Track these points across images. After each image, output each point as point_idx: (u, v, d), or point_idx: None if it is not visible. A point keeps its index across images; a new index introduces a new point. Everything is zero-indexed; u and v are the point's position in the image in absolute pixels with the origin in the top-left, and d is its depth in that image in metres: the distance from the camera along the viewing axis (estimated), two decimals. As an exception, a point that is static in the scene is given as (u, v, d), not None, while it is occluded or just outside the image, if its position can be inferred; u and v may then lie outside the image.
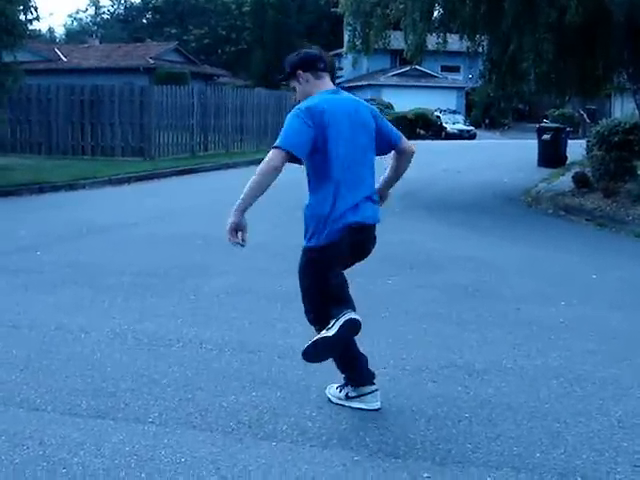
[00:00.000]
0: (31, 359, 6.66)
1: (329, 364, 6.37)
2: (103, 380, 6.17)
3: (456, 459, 4.88)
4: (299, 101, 5.60)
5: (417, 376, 6.41)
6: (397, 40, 23.76)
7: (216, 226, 6.36)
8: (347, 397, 5.69)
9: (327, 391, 5.85)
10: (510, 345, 7.32)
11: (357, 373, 5.70)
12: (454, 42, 23.49)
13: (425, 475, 4.64)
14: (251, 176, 5.28)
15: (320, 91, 5.65)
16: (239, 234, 5.29)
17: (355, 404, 5.64)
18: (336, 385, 5.80)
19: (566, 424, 5.47)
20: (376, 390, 5.68)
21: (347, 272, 5.41)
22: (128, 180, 22.37)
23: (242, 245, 5.34)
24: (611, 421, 5.56)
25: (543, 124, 34.94)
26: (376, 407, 5.62)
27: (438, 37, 21.90)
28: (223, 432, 5.13)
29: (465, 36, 21.69)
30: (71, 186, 20.48)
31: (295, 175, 5.82)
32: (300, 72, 5.66)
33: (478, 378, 6.40)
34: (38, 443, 5.01)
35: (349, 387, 5.70)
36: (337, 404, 5.69)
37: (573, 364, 6.81)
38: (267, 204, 6.16)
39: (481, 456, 4.92)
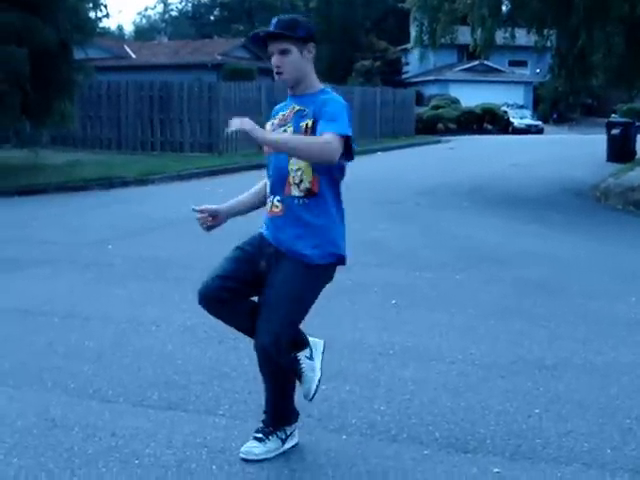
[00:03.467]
0: (103, 351, 6.76)
1: (398, 358, 6.41)
2: (174, 372, 6.24)
3: (526, 454, 4.86)
4: (284, 77, 4.63)
5: (486, 371, 6.39)
6: (464, 35, 23.69)
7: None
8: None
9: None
10: (580, 341, 7.27)
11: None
12: (521, 36, 23.35)
13: (495, 470, 4.64)
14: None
15: (316, 80, 4.73)
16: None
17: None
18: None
19: (637, 420, 5.42)
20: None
21: (416, 266, 5.32)
22: (197, 175, 22.55)
23: None
24: (684, 418, 5.50)
25: (612, 119, 34.54)
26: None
27: (505, 31, 21.79)
28: (293, 425, 5.16)
29: (533, 30, 21.56)
30: (141, 181, 20.70)
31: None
32: (312, 44, 4.66)
33: (548, 374, 6.36)
34: (110, 434, 5.08)
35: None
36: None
37: (644, 360, 6.75)
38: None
39: (551, 452, 4.90)
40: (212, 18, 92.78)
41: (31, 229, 13.19)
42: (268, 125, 4.76)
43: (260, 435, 4.80)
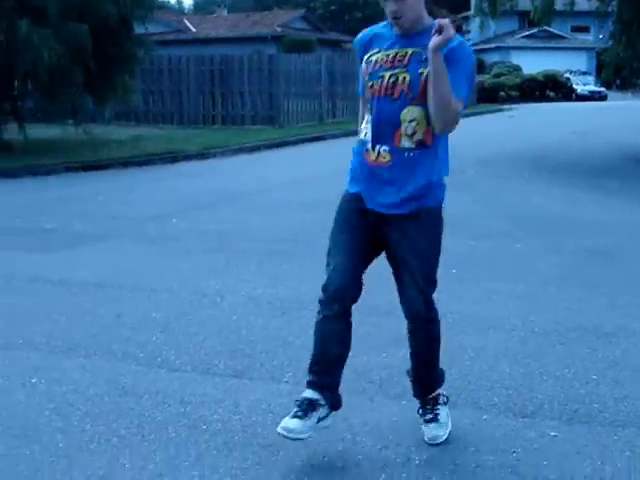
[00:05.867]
0: (170, 322, 6.95)
1: (458, 326, 6.52)
2: (239, 342, 6.40)
3: (583, 419, 4.96)
4: (403, 22, 4.23)
5: (545, 338, 6.48)
6: (524, 1, 23.50)
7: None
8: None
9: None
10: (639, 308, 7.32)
11: None
12: (583, 1, 23.10)
13: (552, 434, 4.74)
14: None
15: (427, 16, 4.39)
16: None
17: None
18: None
19: (695, 385, 5.50)
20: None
21: (477, 235, 5.34)
22: (258, 148, 22.69)
23: None
24: None
25: (677, 84, 33.97)
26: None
27: (566, -3, 21.61)
28: (355, 391, 5.26)
29: (594, -4, 21.39)
30: (203, 155, 20.87)
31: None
32: None
33: (606, 340, 6.42)
34: (179, 401, 5.26)
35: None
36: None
37: (703, 326, 6.78)
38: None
39: (608, 416, 4.99)
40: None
41: (97, 204, 13.43)
42: (363, 64, 4.39)
43: (431, 415, 4.66)
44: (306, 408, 4.49)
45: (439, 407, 4.69)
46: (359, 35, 4.54)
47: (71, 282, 8.36)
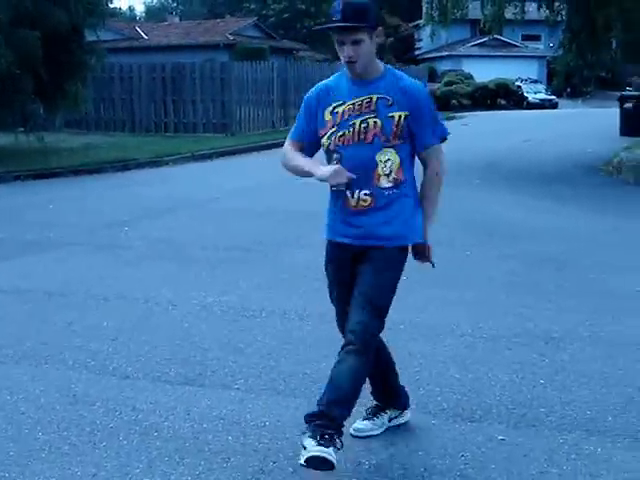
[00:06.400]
0: (122, 330, 6.95)
1: (408, 333, 6.59)
2: (191, 349, 6.43)
3: (530, 423, 5.04)
4: (358, 66, 4.37)
5: (494, 343, 6.56)
6: (476, 9, 23.68)
7: (298, 201, 6.48)
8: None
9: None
10: (587, 313, 7.41)
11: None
12: (534, 10, 23.34)
13: (500, 437, 4.82)
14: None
15: (378, 60, 4.58)
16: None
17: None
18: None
19: (639, 389, 5.59)
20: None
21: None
22: (210, 156, 22.67)
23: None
24: (685, 386, 5.66)
25: (625, 92, 34.37)
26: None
27: (516, 7, 21.81)
28: (306, 397, 5.30)
29: (544, 5, 21.60)
30: (155, 163, 20.82)
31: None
32: (380, 28, 4.46)
33: (554, 345, 6.52)
34: (131, 409, 5.29)
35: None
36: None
37: (649, 332, 6.90)
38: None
39: (554, 420, 5.08)
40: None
41: (48, 212, 13.37)
42: (327, 114, 4.51)
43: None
44: (374, 411, 4.96)
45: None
46: (311, 92, 4.70)
47: (22, 290, 8.34)
